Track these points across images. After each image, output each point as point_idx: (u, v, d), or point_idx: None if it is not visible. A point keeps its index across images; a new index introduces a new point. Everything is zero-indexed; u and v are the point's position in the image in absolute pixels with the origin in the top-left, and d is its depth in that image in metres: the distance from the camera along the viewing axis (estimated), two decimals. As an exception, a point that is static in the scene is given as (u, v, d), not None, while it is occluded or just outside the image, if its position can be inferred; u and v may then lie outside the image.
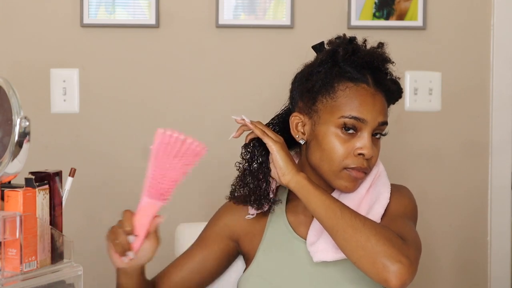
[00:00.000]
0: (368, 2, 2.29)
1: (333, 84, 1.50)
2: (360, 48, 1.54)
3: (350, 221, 1.38)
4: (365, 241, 1.36)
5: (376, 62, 1.53)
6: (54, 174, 1.33)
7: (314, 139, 1.52)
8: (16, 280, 1.21)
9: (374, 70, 1.53)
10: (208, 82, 2.30)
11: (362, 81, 1.51)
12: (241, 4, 2.28)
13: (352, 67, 1.51)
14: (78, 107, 2.27)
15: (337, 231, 1.39)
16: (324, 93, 1.51)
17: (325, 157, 1.50)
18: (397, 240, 1.37)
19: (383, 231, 1.37)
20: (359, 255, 1.36)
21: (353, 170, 1.49)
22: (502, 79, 2.36)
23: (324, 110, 1.50)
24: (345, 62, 1.51)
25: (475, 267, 2.39)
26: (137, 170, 2.29)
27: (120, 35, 2.27)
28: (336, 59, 1.52)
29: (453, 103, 2.36)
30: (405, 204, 1.54)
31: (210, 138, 2.29)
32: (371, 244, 1.35)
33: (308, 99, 1.53)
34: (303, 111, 1.54)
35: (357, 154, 1.49)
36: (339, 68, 1.51)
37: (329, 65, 1.52)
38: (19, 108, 1.21)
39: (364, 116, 1.49)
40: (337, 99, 1.49)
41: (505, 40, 2.35)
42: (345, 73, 1.51)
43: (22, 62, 2.26)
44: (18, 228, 1.22)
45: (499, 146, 2.36)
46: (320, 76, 1.51)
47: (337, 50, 1.52)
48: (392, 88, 1.56)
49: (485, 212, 2.39)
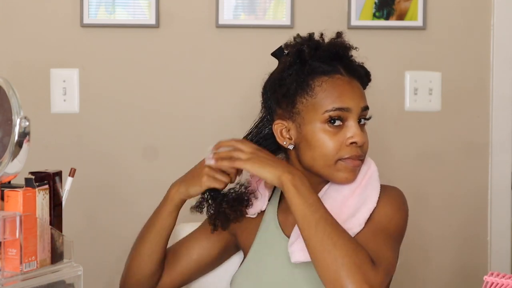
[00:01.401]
0: (368, 2, 2.29)
1: (308, 82, 1.50)
2: (321, 42, 1.55)
3: (321, 239, 1.37)
4: (330, 262, 1.35)
5: (341, 51, 1.53)
6: (54, 174, 1.33)
7: (303, 141, 1.51)
8: (16, 280, 1.21)
9: (341, 59, 1.54)
10: (208, 82, 2.30)
11: (335, 72, 1.51)
12: (241, 4, 2.28)
13: (320, 61, 1.51)
14: (78, 107, 2.27)
15: (308, 243, 1.39)
16: (302, 93, 1.50)
17: (318, 155, 1.49)
18: (366, 266, 1.35)
19: (352, 254, 1.36)
20: (323, 271, 1.37)
21: (348, 159, 1.49)
22: (502, 79, 2.36)
23: (306, 110, 1.50)
24: (313, 58, 1.51)
25: (475, 267, 2.39)
26: (137, 170, 2.31)
27: (120, 35, 2.27)
28: (303, 57, 1.51)
29: (453, 103, 2.36)
30: (390, 216, 1.51)
31: (210, 138, 2.29)
32: (336, 266, 1.35)
33: (287, 103, 1.52)
34: (284, 117, 1.53)
35: (349, 144, 1.49)
36: (309, 65, 1.51)
37: (299, 65, 1.52)
38: (19, 108, 1.21)
39: (347, 104, 1.49)
40: (316, 95, 1.49)
41: (505, 40, 2.35)
42: (316, 68, 1.51)
43: (22, 62, 2.25)
44: (18, 228, 1.21)
45: (499, 146, 2.36)
46: (293, 78, 1.51)
47: (302, 49, 1.52)
48: (362, 72, 1.57)
49: (485, 212, 2.39)
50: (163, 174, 2.28)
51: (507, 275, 1.23)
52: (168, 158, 2.29)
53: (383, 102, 2.34)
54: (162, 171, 2.28)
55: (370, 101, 2.31)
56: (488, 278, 1.22)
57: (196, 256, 1.63)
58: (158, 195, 2.32)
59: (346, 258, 1.35)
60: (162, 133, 2.28)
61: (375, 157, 2.31)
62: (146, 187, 2.28)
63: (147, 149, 2.28)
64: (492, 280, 1.22)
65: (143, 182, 2.29)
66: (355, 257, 1.35)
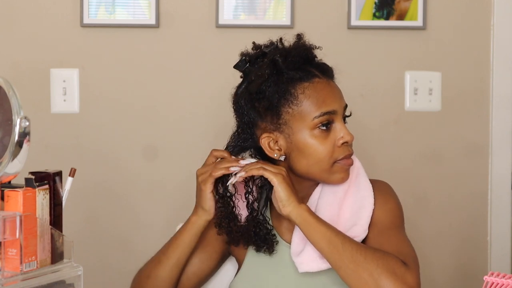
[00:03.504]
0: (368, 2, 2.29)
1: (290, 91, 1.49)
2: (288, 48, 1.54)
3: (351, 256, 1.39)
4: (368, 277, 1.37)
5: (309, 54, 1.53)
6: (54, 174, 1.33)
7: (294, 150, 1.50)
8: (16, 280, 1.21)
9: (311, 62, 1.54)
10: (208, 82, 2.30)
11: (312, 76, 1.51)
12: (241, 4, 2.28)
13: (295, 68, 1.50)
14: (78, 107, 2.27)
15: (340, 266, 1.40)
16: (286, 103, 1.49)
17: (312, 161, 1.50)
18: (400, 270, 1.37)
19: (385, 262, 1.38)
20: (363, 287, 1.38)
21: (343, 160, 1.50)
22: (502, 79, 2.36)
23: (293, 120, 1.49)
24: (287, 66, 1.50)
25: (475, 267, 2.39)
26: (137, 170, 2.31)
27: (120, 35, 2.27)
28: (278, 67, 1.50)
29: (453, 103, 2.36)
30: (392, 209, 1.53)
31: (210, 138, 2.30)
32: (374, 279, 1.36)
33: (271, 116, 1.51)
34: (269, 129, 1.52)
35: (341, 144, 1.50)
36: (287, 74, 1.50)
37: (276, 76, 1.50)
38: (19, 108, 1.21)
39: (333, 107, 1.50)
40: (301, 103, 1.49)
41: (505, 40, 2.35)
42: (294, 76, 1.50)
43: (22, 62, 2.25)
44: (18, 228, 1.21)
45: (499, 147, 2.36)
46: (273, 89, 1.49)
47: (275, 59, 1.51)
48: (330, 70, 1.56)
49: (485, 212, 2.38)
50: (163, 174, 2.29)
51: (507, 275, 1.23)
52: (168, 158, 2.29)
53: (383, 102, 2.34)
54: (162, 171, 2.28)
55: (370, 101, 2.33)
56: (488, 278, 1.22)
57: (195, 270, 1.63)
58: (158, 195, 2.33)
59: (380, 268, 1.37)
60: (162, 133, 2.28)
61: (375, 157, 2.33)
62: (146, 187, 2.28)
63: (147, 149, 2.28)
64: (492, 280, 1.22)
65: (143, 182, 2.29)
66: (387, 265, 1.37)
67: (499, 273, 1.23)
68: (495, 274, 1.23)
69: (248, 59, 1.57)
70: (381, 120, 2.34)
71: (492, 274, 1.23)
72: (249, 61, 1.57)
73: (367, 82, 2.31)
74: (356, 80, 2.30)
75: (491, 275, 1.22)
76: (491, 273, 1.23)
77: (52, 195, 1.31)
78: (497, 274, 1.23)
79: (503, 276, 1.22)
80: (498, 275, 1.23)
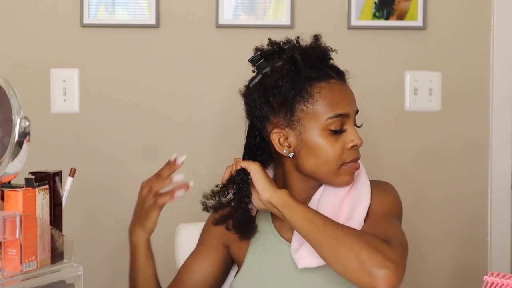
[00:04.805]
0: (368, 2, 2.29)
1: (307, 90, 1.49)
2: (306, 47, 1.54)
3: (332, 232, 1.39)
4: (348, 251, 1.36)
5: (326, 55, 1.54)
6: (54, 174, 1.33)
7: (303, 148, 1.51)
8: (16, 280, 1.21)
9: (327, 63, 1.54)
10: (208, 82, 2.30)
11: (329, 77, 1.51)
12: (241, 4, 2.28)
13: (312, 67, 1.51)
14: (78, 107, 2.27)
15: (321, 244, 1.40)
16: (301, 100, 1.49)
17: (321, 161, 1.50)
18: (381, 245, 1.37)
19: (366, 238, 1.38)
20: (344, 265, 1.37)
21: (351, 163, 1.51)
22: (502, 79, 2.36)
23: (306, 118, 1.50)
24: (305, 65, 1.51)
25: (475, 267, 2.39)
26: (137, 170, 2.30)
27: (120, 35, 2.27)
28: (297, 65, 1.51)
29: (453, 103, 2.36)
30: (389, 201, 1.54)
31: (210, 138, 2.30)
32: (355, 253, 1.36)
33: (285, 111, 1.51)
34: (281, 125, 1.52)
35: (350, 147, 1.50)
36: (304, 72, 1.50)
37: (293, 73, 1.50)
38: (19, 108, 1.21)
39: (346, 110, 1.50)
40: (317, 102, 1.49)
41: (505, 40, 2.35)
42: (312, 74, 1.50)
43: (22, 62, 2.25)
44: (18, 228, 1.21)
45: (499, 147, 2.36)
46: (290, 86, 1.50)
47: (294, 56, 1.51)
48: (343, 73, 1.57)
49: (485, 212, 2.39)
50: (163, 174, 2.28)
51: (507, 275, 1.23)
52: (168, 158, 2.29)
53: (383, 102, 2.34)
54: (162, 171, 2.28)
55: (370, 101, 2.33)
56: (488, 278, 1.22)
57: (199, 277, 1.62)
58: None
59: (361, 242, 1.37)
60: (162, 133, 2.28)
61: (375, 157, 2.33)
62: (146, 187, 2.28)
63: (146, 149, 2.28)
64: (492, 280, 1.22)
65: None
66: (368, 241, 1.37)
67: (499, 273, 1.23)
68: (495, 274, 1.23)
69: (263, 54, 1.57)
70: (381, 120, 2.34)
71: (492, 274, 1.23)
72: (263, 56, 1.56)
73: (367, 82, 2.31)
74: (356, 80, 2.30)
75: (491, 275, 1.22)
76: (491, 273, 1.23)
77: (52, 195, 1.31)
78: (497, 274, 1.23)
79: (503, 276, 1.22)
80: (498, 275, 1.23)
